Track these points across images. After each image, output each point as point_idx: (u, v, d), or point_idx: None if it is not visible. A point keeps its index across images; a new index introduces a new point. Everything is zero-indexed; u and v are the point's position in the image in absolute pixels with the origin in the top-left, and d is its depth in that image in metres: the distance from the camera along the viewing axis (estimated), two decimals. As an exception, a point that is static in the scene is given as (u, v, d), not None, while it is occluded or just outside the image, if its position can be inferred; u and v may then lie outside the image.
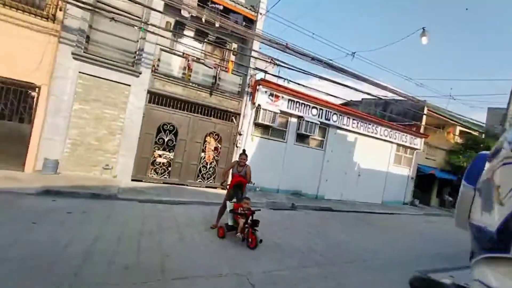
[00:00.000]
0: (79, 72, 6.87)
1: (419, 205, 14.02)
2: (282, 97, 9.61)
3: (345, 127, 11.09)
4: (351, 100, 17.99)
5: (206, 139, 8.99)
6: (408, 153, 13.74)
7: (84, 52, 6.93)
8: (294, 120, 10.12)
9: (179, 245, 3.79)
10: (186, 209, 5.83)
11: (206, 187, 8.78)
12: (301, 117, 10.03)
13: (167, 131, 8.11)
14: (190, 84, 8.29)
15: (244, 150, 4.93)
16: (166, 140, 8.10)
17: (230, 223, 4.42)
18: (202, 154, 8.83)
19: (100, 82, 7.13)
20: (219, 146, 9.05)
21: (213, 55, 10.03)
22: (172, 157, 8.40)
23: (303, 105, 10.03)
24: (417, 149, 13.75)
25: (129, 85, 7.47)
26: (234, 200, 4.61)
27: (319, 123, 10.25)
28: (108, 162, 7.34)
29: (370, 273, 4.05)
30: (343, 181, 11.44)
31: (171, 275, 2.90)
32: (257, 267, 3.55)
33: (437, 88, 42.97)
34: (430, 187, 15.32)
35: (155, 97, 7.97)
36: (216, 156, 9.07)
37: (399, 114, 15.46)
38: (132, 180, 7.61)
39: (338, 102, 12.35)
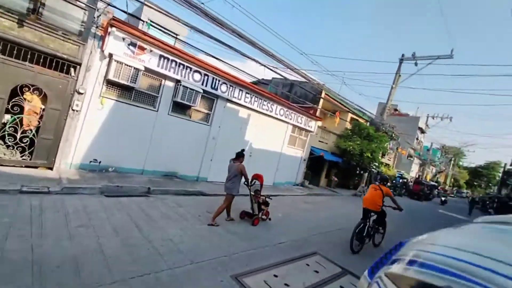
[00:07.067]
0: None
1: (308, 185, 14.60)
2: (151, 50, 7.33)
3: (236, 100, 9.78)
4: (262, 79, 17.18)
5: (25, 96, 6.00)
6: (303, 135, 13.86)
7: None
8: (169, 84, 8.06)
9: None
10: None
11: (16, 166, 5.92)
12: (179, 81, 8.08)
13: None
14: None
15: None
16: None
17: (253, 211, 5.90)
18: (7, 116, 5.84)
19: None
20: (42, 107, 6.21)
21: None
22: None
23: (181, 66, 8.03)
24: (311, 131, 14.00)
25: None
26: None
27: (202, 91, 8.53)
28: None
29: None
30: (231, 161, 10.33)
31: None
32: None
33: (333, 71, 47.85)
34: (321, 168, 16.28)
35: None
36: (37, 120, 6.21)
37: (301, 97, 15.53)
38: None
39: (248, 80, 10.84)
